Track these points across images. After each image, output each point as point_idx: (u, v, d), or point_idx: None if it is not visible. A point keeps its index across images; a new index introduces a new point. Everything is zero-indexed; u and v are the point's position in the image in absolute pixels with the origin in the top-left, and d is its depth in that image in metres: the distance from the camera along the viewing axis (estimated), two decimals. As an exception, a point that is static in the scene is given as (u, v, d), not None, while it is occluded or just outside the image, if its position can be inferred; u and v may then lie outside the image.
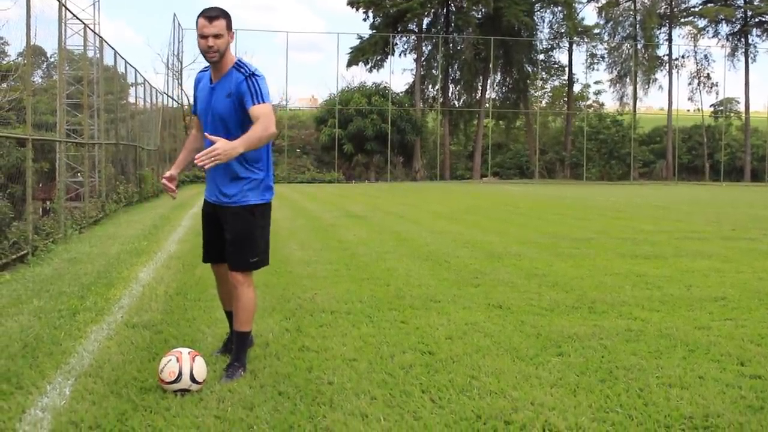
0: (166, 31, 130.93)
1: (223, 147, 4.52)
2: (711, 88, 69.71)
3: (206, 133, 4.87)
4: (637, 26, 66.72)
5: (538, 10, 66.15)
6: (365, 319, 6.69)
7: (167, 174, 5.25)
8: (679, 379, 4.96)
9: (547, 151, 66.08)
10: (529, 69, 67.15)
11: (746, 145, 65.59)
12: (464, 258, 10.75)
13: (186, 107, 51.16)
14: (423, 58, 63.65)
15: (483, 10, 62.05)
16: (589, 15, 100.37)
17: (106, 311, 6.92)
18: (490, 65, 61.94)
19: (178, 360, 4.56)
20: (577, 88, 69.93)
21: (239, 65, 4.94)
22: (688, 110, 70.59)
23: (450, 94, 66.16)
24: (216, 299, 7.48)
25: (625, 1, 67.45)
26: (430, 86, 66.07)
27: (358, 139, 55.19)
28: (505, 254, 11.23)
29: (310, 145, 60.13)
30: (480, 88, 65.73)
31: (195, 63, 72.78)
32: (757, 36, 68.92)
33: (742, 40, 68.03)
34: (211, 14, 4.82)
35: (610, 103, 71.46)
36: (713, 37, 69.77)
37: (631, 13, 66.93)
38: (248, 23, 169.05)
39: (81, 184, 17.75)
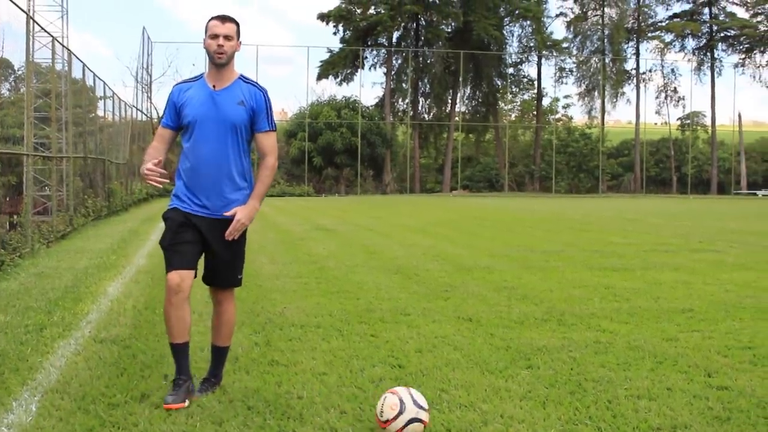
0: (136, 44, 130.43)
1: (246, 215, 4.77)
2: (678, 101, 70.57)
3: (200, 143, 4.75)
4: (605, 40, 67.32)
5: (507, 25, 66.64)
6: (335, 332, 6.68)
7: (148, 166, 4.66)
8: (647, 391, 4.98)
9: (517, 164, 66.44)
10: (499, 82, 67.66)
11: (713, 158, 66.30)
12: (434, 271, 10.77)
13: (155, 120, 50.95)
14: (393, 72, 63.84)
15: (453, 24, 62.48)
16: (557, 29, 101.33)
17: (73, 326, 6.85)
18: (460, 79, 62.27)
19: (394, 393, 4.26)
20: (546, 101, 70.54)
21: (247, 79, 4.90)
22: (656, 123, 71.37)
23: (420, 108, 66.39)
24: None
25: (593, 16, 68.07)
26: (400, 100, 66.31)
27: (327, 153, 55.21)
28: (475, 267, 11.26)
29: (280, 159, 59.53)
30: (450, 101, 66.06)
31: (164, 76, 72.58)
32: (723, 50, 70.00)
33: (708, 54, 68.95)
34: (224, 16, 4.79)
35: (578, 116, 72.15)
36: (680, 51, 70.73)
37: (599, 27, 67.51)
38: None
39: (49, 198, 17.59)
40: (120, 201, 25.32)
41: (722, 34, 69.48)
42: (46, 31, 16.11)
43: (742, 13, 69.37)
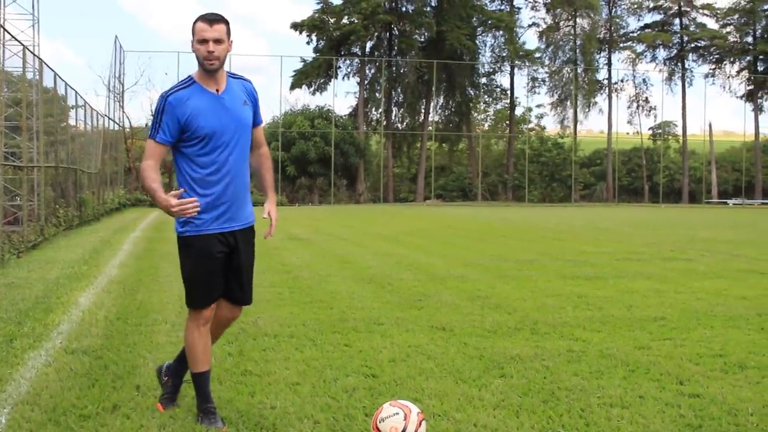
0: (108, 53, 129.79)
1: (276, 213, 4.83)
2: (649, 111, 71.12)
3: (224, 153, 4.45)
4: (577, 51, 67.75)
5: (480, 35, 66.92)
6: (308, 342, 6.66)
7: (174, 202, 4.16)
8: (619, 399, 5.00)
9: (490, 174, 66.63)
10: (472, 92, 67.91)
11: (684, 168, 66.83)
12: (408, 280, 10.77)
13: (128, 130, 50.69)
14: (366, 81, 63.89)
15: (426, 33, 62.63)
16: (530, 39, 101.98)
17: (44, 337, 6.79)
18: (433, 88, 62.39)
19: (405, 418, 4.11)
20: (518, 111, 70.76)
21: (232, 74, 4.67)
22: (628, 133, 71.76)
23: (393, 117, 66.47)
24: (159, 323, 7.42)
25: (565, 26, 68.49)
26: (373, 109, 66.35)
27: (301, 162, 55.15)
28: (449, 276, 11.27)
29: (252, 168, 59.77)
30: (423, 111, 66.16)
31: (136, 85, 72.16)
32: (693, 61, 70.72)
33: (679, 64, 69.64)
34: (212, 17, 4.40)
35: (551, 126, 72.55)
36: (651, 61, 71.32)
37: (571, 37, 67.94)
38: (189, 44, 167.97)
39: (19, 207, 17.42)
40: (92, 210, 25.15)
41: (693, 45, 70.19)
42: (17, 39, 15.99)
43: (712, 24, 70.20)
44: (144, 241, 17.51)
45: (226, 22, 4.46)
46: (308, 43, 63.66)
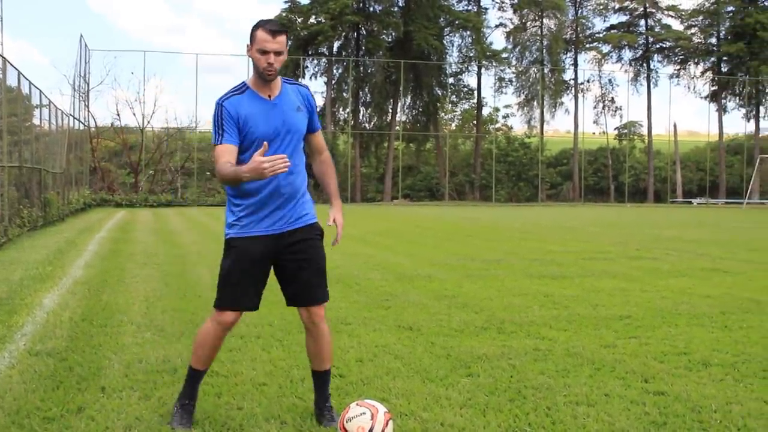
0: (73, 52, 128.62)
1: (342, 217, 4.84)
2: (615, 111, 71.59)
3: (281, 155, 4.13)
4: (544, 51, 68.02)
5: (448, 35, 66.95)
6: (275, 342, 6.64)
7: (262, 160, 4.01)
8: (585, 397, 5.04)
9: (457, 174, 66.74)
10: (439, 92, 67.93)
11: (649, 167, 67.34)
12: (375, 280, 10.77)
13: (93, 129, 50.28)
14: (334, 81, 63.79)
15: (393, 33, 62.61)
16: (497, 40, 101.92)
17: (7, 339, 6.72)
18: (401, 88, 62.41)
19: (372, 417, 4.12)
20: (486, 111, 70.90)
21: (288, 79, 4.65)
22: (594, 133, 72.30)
23: (361, 117, 66.38)
24: (125, 325, 7.37)
25: (532, 27, 68.79)
26: (341, 109, 66.19)
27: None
28: (416, 276, 11.29)
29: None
30: (390, 110, 66.13)
31: (102, 84, 71.64)
32: (658, 62, 71.33)
33: (644, 65, 70.19)
34: (275, 28, 4.34)
35: (518, 126, 72.65)
36: (617, 62, 72.04)
37: (538, 38, 68.21)
38: (156, 44, 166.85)
39: (-18, 208, 17.24)
40: (56, 211, 24.90)
41: (658, 46, 70.77)
42: (-21, 38, 15.81)
43: (677, 25, 70.80)
44: (109, 242, 17.38)
45: (287, 33, 4.46)
46: (276, 42, 63.45)
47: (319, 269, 4.64)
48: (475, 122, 70.54)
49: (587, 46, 71.09)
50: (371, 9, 62.66)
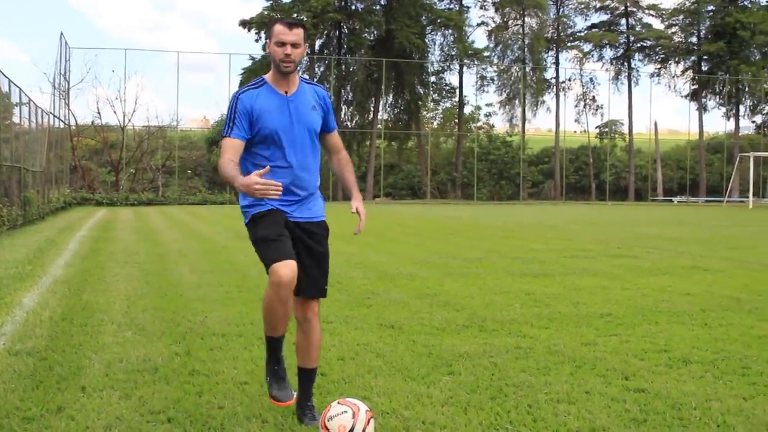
0: (53, 50, 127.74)
1: (363, 209, 4.81)
2: (596, 110, 72.00)
3: (283, 153, 4.49)
4: (526, 50, 68.24)
5: (429, 33, 67.04)
6: (257, 341, 6.62)
7: (257, 180, 4.05)
8: (566, 395, 5.05)
9: (439, 172, 66.83)
10: (421, 91, 67.99)
11: (630, 166, 67.68)
12: (357, 279, 10.76)
13: (73, 128, 50.03)
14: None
15: (375, 32, 62.61)
16: (479, 38, 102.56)
17: (-14, 338, 6.68)
18: (383, 87, 62.41)
19: (354, 416, 4.11)
20: (467, 109, 71.07)
21: (306, 80, 4.75)
22: (575, 132, 72.59)
23: (343, 115, 66.30)
24: (105, 324, 7.34)
25: (514, 25, 68.98)
26: (323, 107, 66.08)
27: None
28: (398, 274, 11.29)
29: (202, 167, 59.22)
30: (372, 109, 66.12)
31: (83, 83, 71.28)
32: (639, 60, 71.75)
33: (625, 64, 70.54)
34: (291, 22, 4.52)
35: (500, 124, 72.85)
36: (598, 60, 72.32)
37: (520, 36, 68.41)
38: (138, 43, 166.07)
39: (-39, 206, 17.14)
40: (36, 210, 24.77)
41: (639, 45, 71.15)
42: (-42, 35, 15.70)
43: (657, 24, 71.26)
44: (90, 241, 17.30)
45: (305, 27, 4.61)
46: (257, 40, 63.31)
47: (322, 265, 4.73)
48: (456, 121, 70.66)
49: (568, 44, 71.37)
50: (353, 7, 62.65)
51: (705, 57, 68.79)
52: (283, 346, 4.70)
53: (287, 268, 4.33)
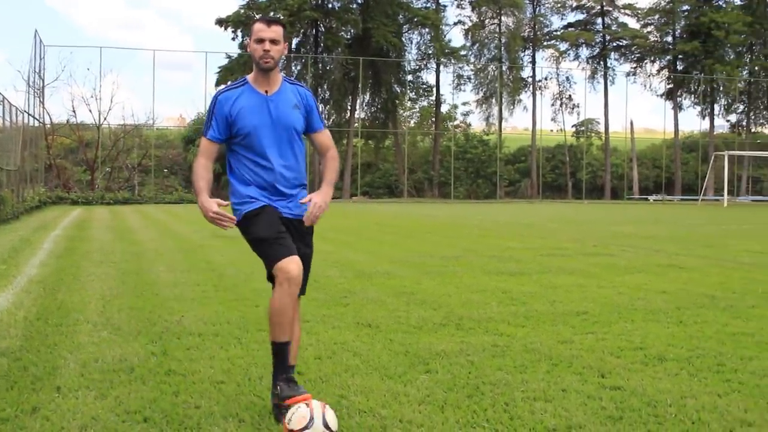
0: (28, 48, 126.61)
1: (322, 199, 4.62)
2: (573, 109, 72.33)
3: (263, 152, 4.60)
4: (502, 48, 68.47)
5: (406, 32, 67.10)
6: (234, 340, 6.60)
7: (214, 209, 4.45)
8: (543, 393, 5.06)
9: (416, 171, 66.91)
10: (398, 89, 68.02)
11: (606, 164, 68.05)
12: (334, 277, 10.75)
13: (48, 126, 49.69)
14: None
15: (352, 30, 62.58)
16: (455, 37, 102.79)
17: (-40, 338, 6.62)
18: (359, 85, 62.41)
19: (308, 405, 4.18)
20: (444, 108, 71.27)
21: (290, 79, 4.79)
22: (552, 130, 72.86)
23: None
24: (80, 323, 7.29)
25: (491, 24, 69.14)
26: (299, 106, 65.99)
27: (225, 159, 54.64)
28: (375, 273, 11.29)
29: (178, 165, 59.05)
30: (349, 108, 66.12)
31: (57, 81, 70.84)
32: (615, 60, 72.17)
33: (601, 63, 70.94)
34: (270, 19, 4.61)
35: (476, 123, 73.08)
36: (574, 60, 72.51)
37: (496, 35, 68.63)
38: (113, 40, 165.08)
39: (-66, 206, 16.99)
40: (11, 209, 24.59)
41: (615, 44, 71.57)
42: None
43: (633, 23, 71.69)
44: (65, 240, 17.19)
45: (283, 25, 4.68)
46: (233, 39, 63.16)
47: (307, 265, 4.77)
48: (433, 119, 70.82)
49: (545, 43, 71.69)
50: (330, 5, 62.60)
51: (680, 56, 69.34)
52: (289, 356, 4.67)
53: (294, 263, 4.45)
